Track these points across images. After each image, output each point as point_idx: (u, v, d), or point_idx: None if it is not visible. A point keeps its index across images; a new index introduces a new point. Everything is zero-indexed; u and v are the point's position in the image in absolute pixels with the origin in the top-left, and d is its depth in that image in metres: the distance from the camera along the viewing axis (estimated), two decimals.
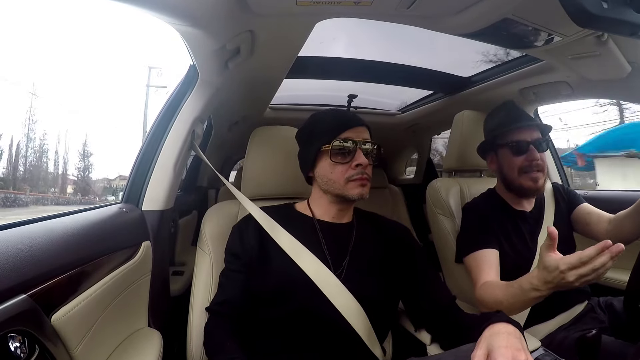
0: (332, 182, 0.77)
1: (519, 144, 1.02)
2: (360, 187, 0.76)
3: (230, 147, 2.34)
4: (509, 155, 1.04)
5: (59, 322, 0.55)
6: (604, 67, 1.01)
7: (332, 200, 0.81)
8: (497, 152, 1.08)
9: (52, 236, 0.62)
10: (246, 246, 0.78)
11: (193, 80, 1.04)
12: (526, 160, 1.00)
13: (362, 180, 0.76)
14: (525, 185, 1.01)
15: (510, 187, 1.06)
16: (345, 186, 0.76)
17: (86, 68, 22.02)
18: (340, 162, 0.76)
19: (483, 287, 0.90)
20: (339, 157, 0.76)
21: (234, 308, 0.75)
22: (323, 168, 0.79)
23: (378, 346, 0.75)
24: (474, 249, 0.99)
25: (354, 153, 0.76)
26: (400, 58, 1.48)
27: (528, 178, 1.00)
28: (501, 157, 1.07)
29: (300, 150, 0.86)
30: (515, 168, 1.02)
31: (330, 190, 0.79)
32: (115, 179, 28.65)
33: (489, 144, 1.11)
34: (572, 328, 0.95)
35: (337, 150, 0.76)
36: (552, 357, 0.63)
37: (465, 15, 0.80)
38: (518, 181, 1.02)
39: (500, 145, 1.07)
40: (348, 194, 0.76)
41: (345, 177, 0.76)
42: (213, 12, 0.71)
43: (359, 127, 0.80)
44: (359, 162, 0.75)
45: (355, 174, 0.76)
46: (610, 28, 0.70)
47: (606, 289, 1.17)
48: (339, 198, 0.79)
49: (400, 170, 2.84)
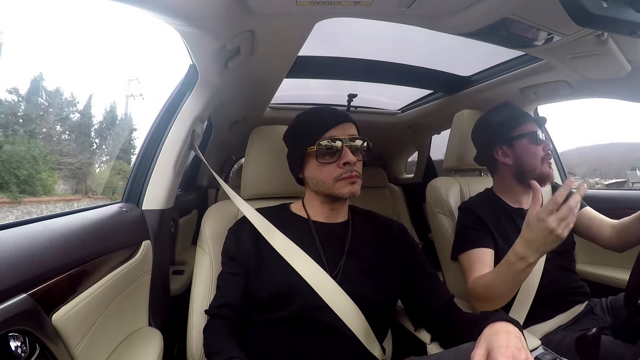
0: (322, 183, 0.77)
1: (537, 133, 1.06)
2: (349, 185, 0.75)
3: (230, 147, 2.34)
4: (529, 146, 1.06)
5: (59, 321, 0.56)
6: (603, 67, 1.01)
7: (323, 200, 0.81)
8: (512, 145, 1.08)
9: (53, 236, 0.62)
10: (242, 249, 0.78)
11: (193, 80, 1.04)
12: (543, 150, 1.05)
13: (351, 178, 0.75)
14: (545, 172, 1.05)
15: (527, 176, 1.06)
16: (334, 185, 0.75)
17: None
18: (328, 162, 0.75)
19: (474, 281, 0.92)
20: (326, 157, 0.75)
21: (233, 311, 0.75)
22: (311, 169, 0.78)
23: (377, 346, 0.75)
24: (468, 248, 1.00)
25: (341, 151, 0.75)
26: (400, 58, 1.48)
27: (547, 165, 1.05)
28: (519, 148, 1.07)
29: (288, 152, 0.85)
30: (539, 156, 1.05)
31: (320, 190, 0.78)
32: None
33: (498, 137, 1.10)
34: (570, 328, 0.95)
35: (323, 151, 0.75)
36: (552, 356, 0.63)
37: (465, 14, 0.80)
38: (539, 169, 1.05)
39: (515, 138, 1.07)
40: (338, 193, 0.75)
41: (334, 176, 0.75)
42: (213, 12, 0.71)
43: (344, 124, 0.78)
44: (346, 160, 0.74)
45: (344, 173, 0.75)
46: (610, 27, 0.70)
47: (606, 289, 1.17)
48: (330, 198, 0.79)
49: (400, 169, 2.84)
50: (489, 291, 0.85)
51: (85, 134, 12.18)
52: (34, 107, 10.69)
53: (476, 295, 0.90)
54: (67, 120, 11.95)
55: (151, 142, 1.00)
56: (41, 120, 10.73)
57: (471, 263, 0.97)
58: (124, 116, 14.04)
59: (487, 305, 0.87)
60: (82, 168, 10.98)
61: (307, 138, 0.77)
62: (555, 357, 0.62)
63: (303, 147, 0.78)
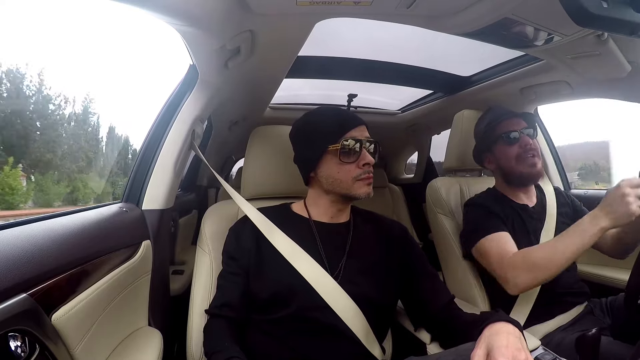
0: (339, 182, 0.77)
1: (510, 134, 1.06)
2: (367, 186, 0.77)
3: (231, 147, 2.34)
4: (503, 148, 1.07)
5: (59, 321, 0.56)
6: (604, 67, 1.01)
7: (334, 200, 0.81)
8: (493, 150, 1.11)
9: (53, 235, 0.62)
10: (243, 248, 0.78)
11: (193, 80, 1.04)
12: (520, 147, 1.04)
13: (368, 179, 0.76)
14: (525, 171, 1.04)
15: (511, 179, 1.08)
16: (353, 186, 0.76)
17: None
18: (347, 162, 0.76)
19: (514, 257, 0.89)
20: (346, 157, 0.76)
21: (233, 310, 0.75)
22: (329, 168, 0.78)
23: (377, 346, 0.75)
24: (487, 233, 0.98)
25: (360, 152, 0.76)
26: (400, 58, 1.48)
27: (526, 164, 1.03)
28: (497, 153, 1.10)
29: (299, 151, 0.85)
30: (512, 157, 1.05)
31: (335, 190, 0.78)
32: None
33: (482, 144, 1.14)
34: (570, 329, 0.95)
35: (346, 150, 0.76)
36: (552, 356, 0.63)
37: (465, 14, 0.80)
38: (517, 170, 1.05)
39: (493, 142, 1.10)
40: (355, 193, 0.76)
41: (353, 176, 0.76)
42: (213, 12, 0.71)
43: (362, 126, 0.79)
44: (366, 161, 0.75)
45: (362, 173, 0.76)
46: (610, 27, 0.70)
47: (606, 290, 1.17)
48: (344, 197, 0.79)
49: (400, 169, 2.84)
50: (551, 258, 0.82)
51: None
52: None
53: (517, 274, 0.86)
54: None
55: (151, 142, 1.00)
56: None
57: (499, 244, 0.94)
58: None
59: (537, 274, 0.84)
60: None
61: (328, 136, 0.77)
62: (555, 357, 0.62)
63: (321, 145, 0.77)
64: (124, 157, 11.21)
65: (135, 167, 1.00)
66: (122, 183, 1.47)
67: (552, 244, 0.84)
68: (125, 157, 11.06)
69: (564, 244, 0.81)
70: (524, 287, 0.86)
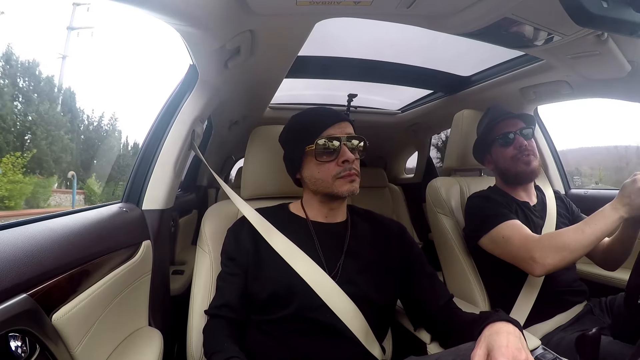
0: (320, 182, 0.77)
1: (506, 135, 1.08)
2: (349, 184, 0.75)
3: (230, 147, 2.34)
4: (500, 149, 1.10)
5: (59, 321, 0.56)
6: (603, 67, 1.01)
7: (322, 200, 0.81)
8: (491, 151, 1.14)
9: (53, 235, 0.62)
10: (241, 249, 0.78)
11: (193, 80, 1.04)
12: (515, 148, 1.07)
13: (350, 176, 0.75)
14: (520, 169, 1.06)
15: (508, 178, 1.11)
16: (334, 184, 0.76)
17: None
18: (326, 161, 0.76)
19: (541, 238, 0.90)
20: (324, 156, 0.76)
21: (233, 311, 0.75)
22: (309, 169, 0.78)
23: (377, 346, 0.75)
24: (502, 220, 0.98)
25: (339, 150, 0.75)
26: (400, 58, 1.48)
27: (521, 163, 1.06)
28: (494, 154, 1.13)
29: (285, 154, 0.85)
30: (508, 158, 1.08)
31: (319, 190, 0.78)
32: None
33: (482, 146, 1.17)
34: (570, 328, 0.95)
35: (322, 150, 0.75)
36: (552, 355, 0.63)
37: (465, 14, 0.80)
38: (513, 169, 1.07)
39: (490, 143, 1.13)
40: (337, 192, 0.76)
41: (333, 175, 0.75)
42: (213, 12, 0.71)
43: (341, 123, 0.78)
44: (344, 158, 0.75)
45: (342, 171, 0.75)
46: (610, 27, 0.70)
47: (606, 289, 1.17)
48: (329, 197, 0.79)
49: (400, 169, 2.84)
50: (580, 240, 0.84)
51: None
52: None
53: (557, 246, 0.86)
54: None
55: (151, 142, 1.00)
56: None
57: (519, 229, 0.94)
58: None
59: (565, 255, 0.85)
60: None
61: (305, 138, 0.77)
62: (555, 357, 0.62)
63: (300, 147, 0.77)
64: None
65: (135, 167, 1.00)
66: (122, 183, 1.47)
67: (580, 227, 0.86)
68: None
69: (590, 228, 0.84)
70: (552, 267, 0.86)
